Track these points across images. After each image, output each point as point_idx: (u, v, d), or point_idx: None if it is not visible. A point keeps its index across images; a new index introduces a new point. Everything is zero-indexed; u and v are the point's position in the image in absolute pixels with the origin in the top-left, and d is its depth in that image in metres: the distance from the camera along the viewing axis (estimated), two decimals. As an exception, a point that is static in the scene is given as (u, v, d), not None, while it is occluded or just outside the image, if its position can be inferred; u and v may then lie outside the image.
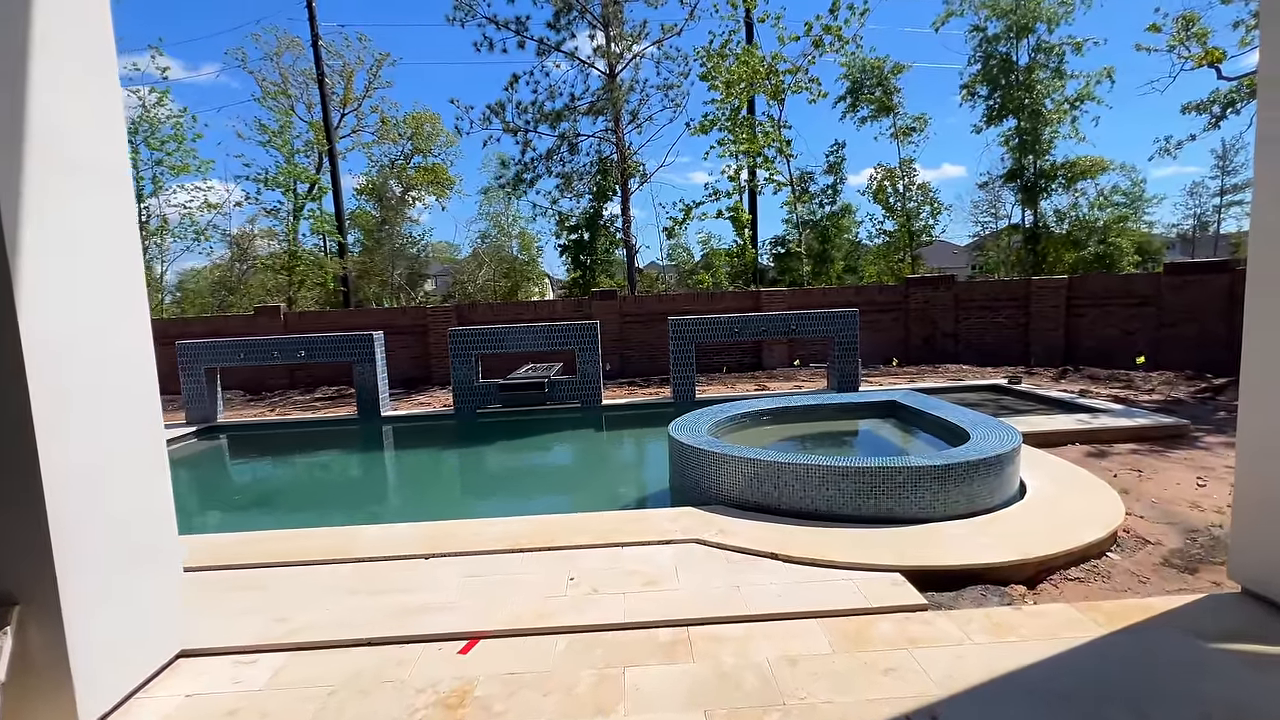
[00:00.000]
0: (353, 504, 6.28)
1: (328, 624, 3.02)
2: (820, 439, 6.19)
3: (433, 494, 6.59)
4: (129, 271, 2.63)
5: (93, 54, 2.49)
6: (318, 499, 6.50)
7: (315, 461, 7.92)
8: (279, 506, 6.23)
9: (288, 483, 7.08)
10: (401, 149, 25.67)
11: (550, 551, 3.75)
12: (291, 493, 6.71)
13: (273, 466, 7.70)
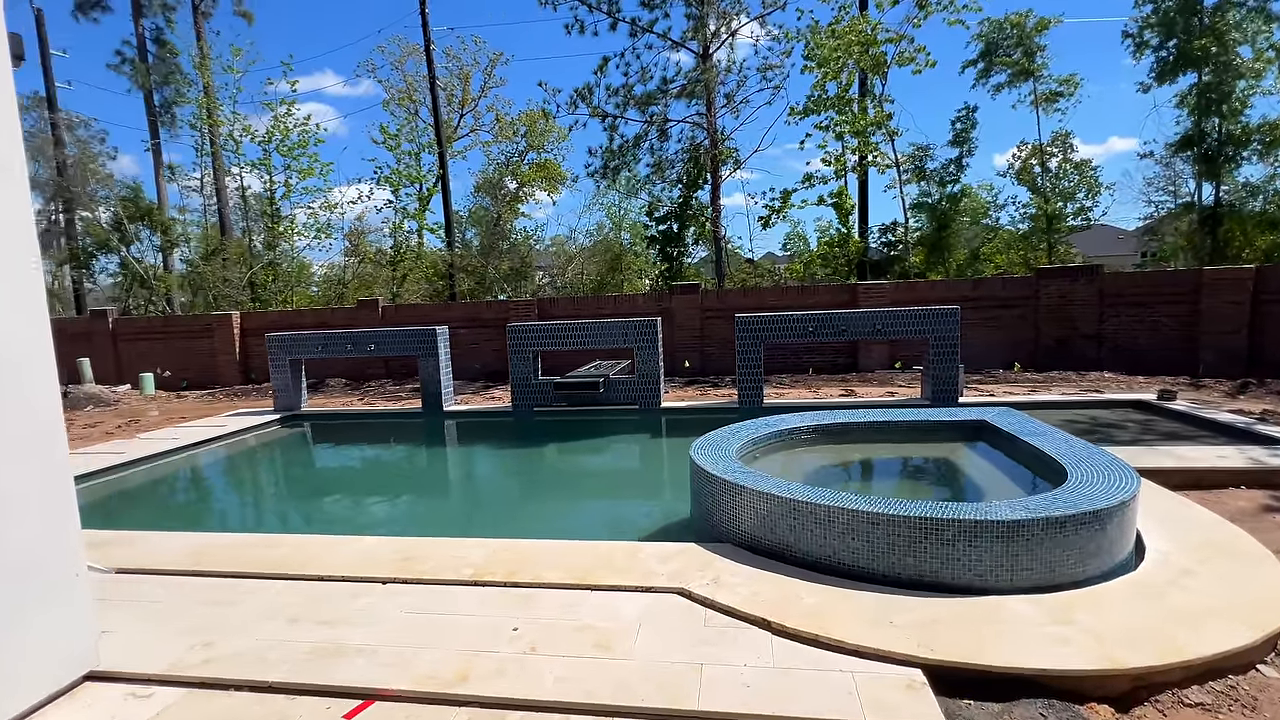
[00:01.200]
0: (384, 501, 6.24)
1: (247, 657, 2.76)
2: (875, 468, 5.23)
3: (456, 498, 6.41)
4: (19, 274, 2.47)
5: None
6: (355, 493, 6.53)
7: (367, 455, 8.08)
8: (318, 498, 6.33)
9: (335, 475, 7.23)
10: (516, 146, 26.42)
11: (511, 589, 3.29)
12: (335, 485, 6.83)
13: (330, 458, 7.95)
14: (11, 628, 2.37)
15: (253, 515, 6.09)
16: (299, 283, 18.40)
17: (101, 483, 6.25)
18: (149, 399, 13.30)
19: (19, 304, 2.45)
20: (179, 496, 6.60)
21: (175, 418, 10.34)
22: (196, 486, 6.88)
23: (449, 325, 10.81)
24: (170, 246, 20.17)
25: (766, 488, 3.51)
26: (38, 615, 2.47)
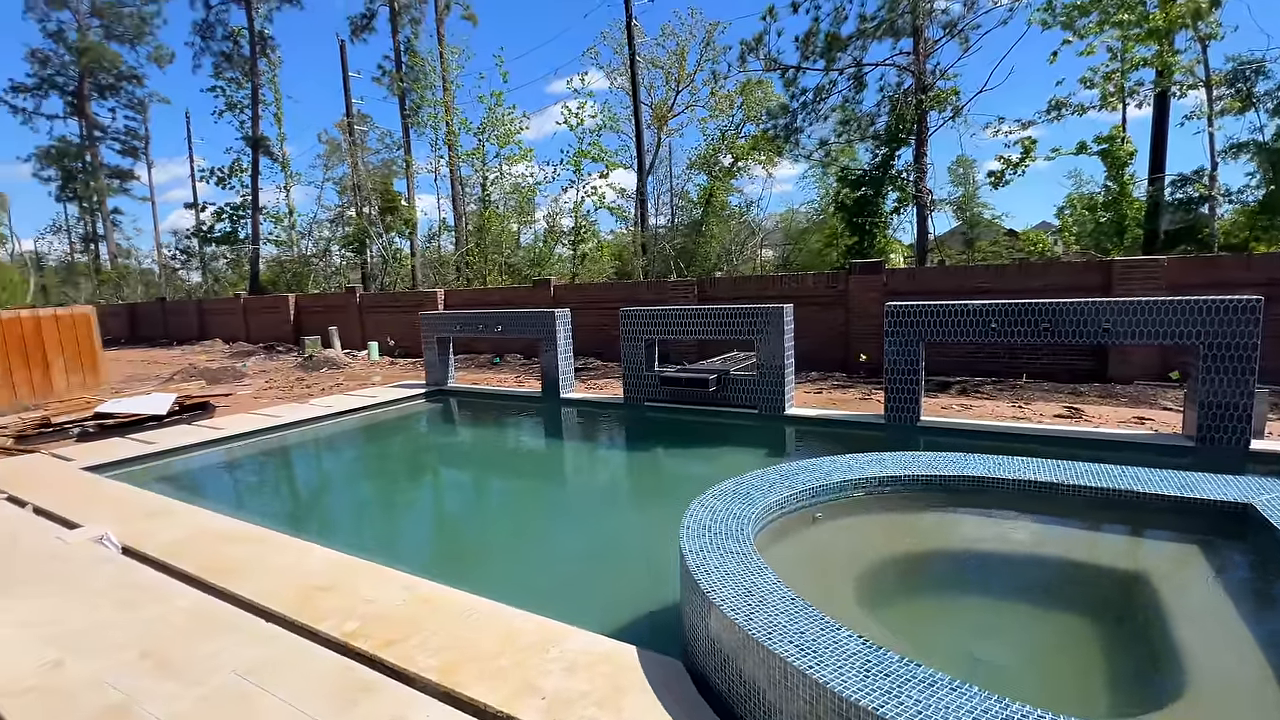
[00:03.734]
0: (448, 483, 6.01)
1: (59, 698, 2.45)
2: (1019, 581, 3.25)
3: (510, 493, 5.87)
4: None
5: None
6: (429, 473, 6.42)
7: (473, 435, 8.04)
8: (396, 477, 6.34)
9: (435, 453, 7.26)
10: (732, 120, 25.38)
11: (363, 666, 2.53)
12: (427, 464, 6.82)
13: (444, 435, 8.07)
14: None
15: (311, 495, 6.30)
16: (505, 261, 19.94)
17: (233, 447, 7.03)
18: (373, 364, 15.45)
19: None
20: (264, 470, 7.08)
21: (368, 383, 11.71)
22: (291, 460, 7.40)
23: (606, 306, 10.48)
24: (411, 232, 23.51)
25: (734, 612, 2.19)
26: None
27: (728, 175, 23.81)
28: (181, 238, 38.17)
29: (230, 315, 23.17)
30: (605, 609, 3.24)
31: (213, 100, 39.38)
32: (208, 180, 33.50)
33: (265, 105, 30.02)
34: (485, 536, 5.06)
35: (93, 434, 7.82)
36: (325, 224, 30.09)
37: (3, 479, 5.44)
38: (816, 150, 14.76)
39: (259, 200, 30.86)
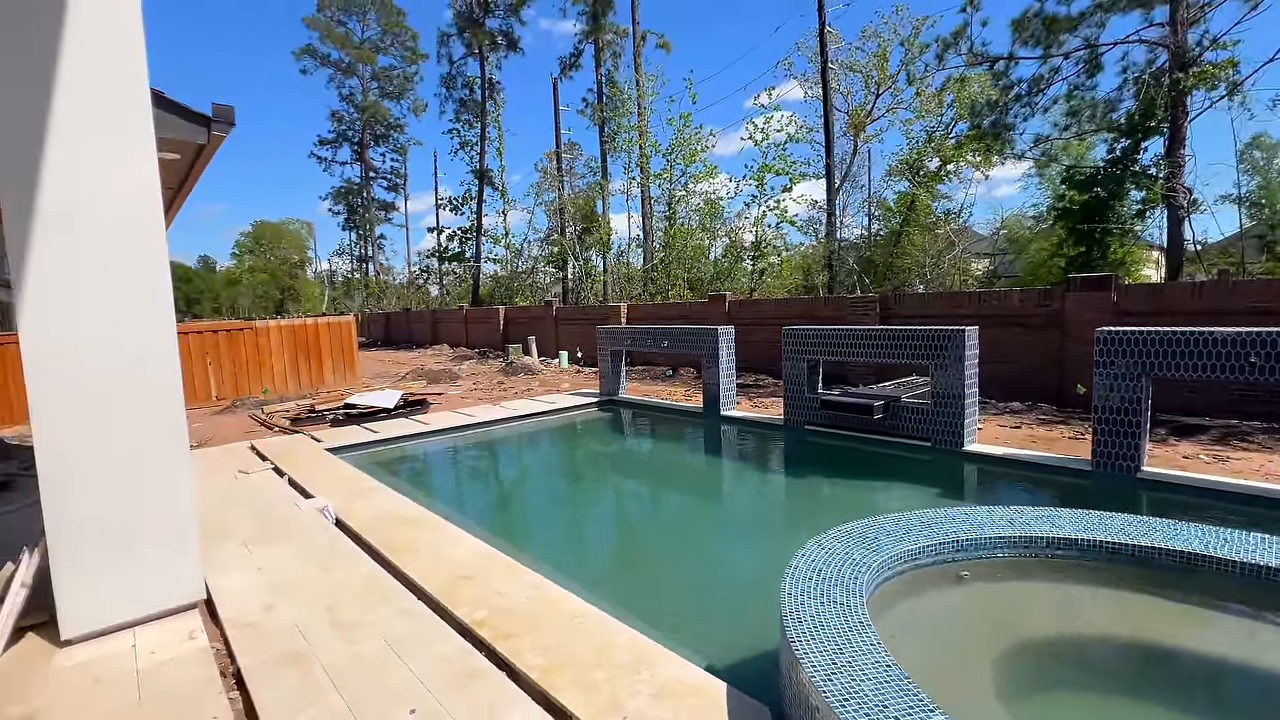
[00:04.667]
0: (594, 490, 6.34)
1: (264, 636, 3.10)
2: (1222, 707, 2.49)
3: (649, 505, 5.97)
4: (151, 288, 3.21)
5: (131, 128, 3.10)
6: (591, 481, 6.81)
7: (637, 447, 8.32)
8: (562, 480, 6.85)
9: (597, 458, 7.67)
10: (940, 119, 23.52)
11: (479, 654, 2.80)
12: (588, 471, 7.27)
13: (609, 443, 8.48)
14: (129, 554, 3.17)
15: (478, 488, 6.99)
16: (688, 276, 20.46)
17: (432, 440, 8.14)
18: (562, 372, 16.85)
19: (147, 306, 3.21)
20: (448, 462, 8.01)
21: (554, 389, 12.82)
22: (472, 455, 8.28)
23: (780, 322, 10.31)
24: (605, 249, 25.23)
25: (813, 669, 2.06)
26: (149, 548, 3.24)
27: (933, 180, 21.82)
28: (424, 257, 45.32)
29: (455, 324, 26.89)
30: (710, 638, 3.19)
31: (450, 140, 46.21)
32: (445, 208, 39.35)
33: (490, 141, 34.47)
34: (614, 544, 5.27)
35: (341, 421, 9.62)
36: (534, 244, 33.61)
37: (274, 453, 6.95)
38: (1031, 149, 12.88)
39: (482, 224, 35.46)
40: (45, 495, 2.95)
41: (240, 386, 13.51)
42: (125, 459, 3.14)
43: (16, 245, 2.84)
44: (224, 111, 3.84)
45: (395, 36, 46.20)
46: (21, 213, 2.85)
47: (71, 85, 2.93)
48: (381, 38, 46.26)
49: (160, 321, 3.22)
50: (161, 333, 3.22)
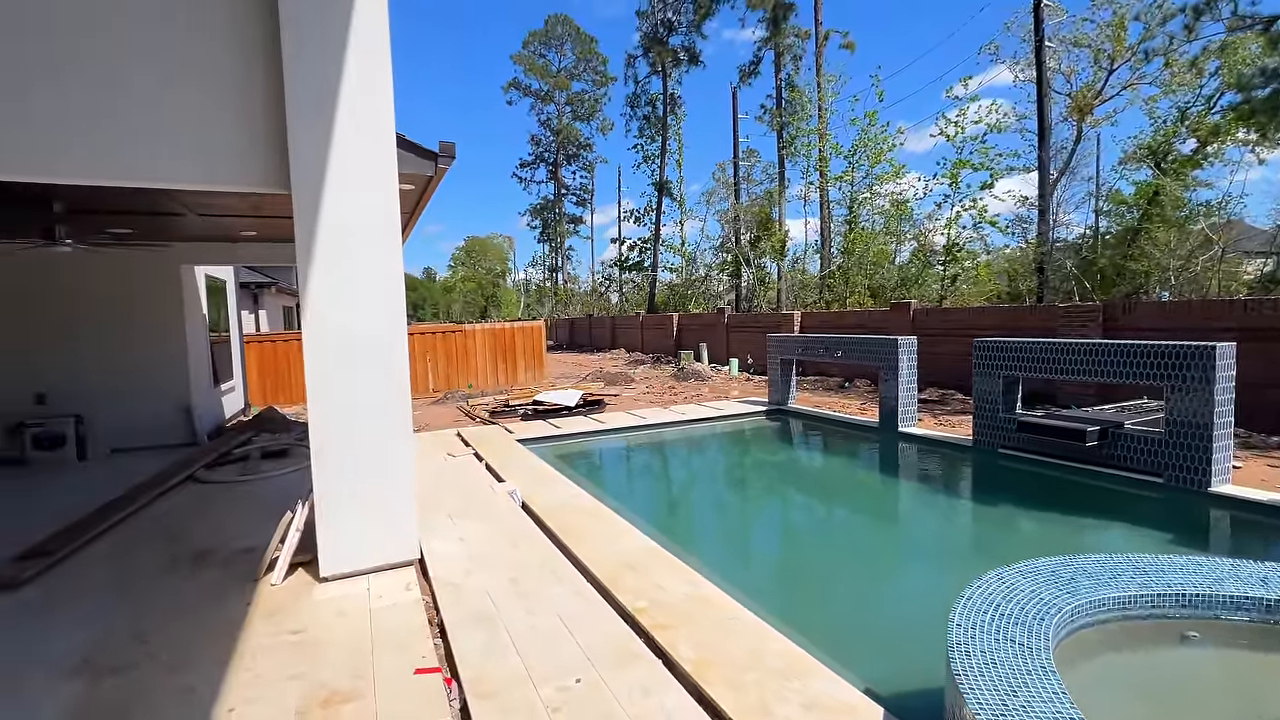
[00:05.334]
0: (756, 496, 6.29)
1: (461, 596, 3.60)
2: None
3: (811, 516, 5.74)
4: (391, 296, 3.90)
5: (381, 165, 3.82)
6: (753, 494, 6.79)
7: (799, 454, 8.06)
8: (719, 487, 6.92)
9: (762, 466, 7.59)
10: (1196, 93, 19.83)
11: (642, 648, 2.99)
12: (747, 481, 7.25)
13: (775, 451, 8.34)
14: (368, 514, 3.88)
15: (646, 485, 7.23)
16: (869, 283, 19.31)
17: (605, 437, 8.66)
18: (731, 379, 16.91)
19: (389, 312, 3.90)
20: (619, 459, 8.37)
21: (723, 395, 12.93)
22: (640, 454, 8.57)
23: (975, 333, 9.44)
24: (779, 256, 24.73)
25: (979, 708, 1.93)
26: (381, 510, 3.93)
27: (1187, 165, 18.18)
28: (606, 266, 48.21)
29: (632, 330, 28.23)
30: (867, 660, 3.06)
31: (634, 155, 48.64)
32: (628, 220, 41.52)
33: (670, 154, 35.71)
34: (774, 553, 5.20)
35: (529, 416, 10.66)
36: (708, 251, 34.08)
37: (475, 441, 7.94)
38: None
39: (660, 234, 36.81)
40: (314, 461, 3.74)
41: (451, 381, 15.56)
42: (368, 436, 3.86)
43: (303, 261, 3.65)
44: (447, 147, 4.56)
45: (587, 63, 49.90)
46: (307, 235, 3.65)
47: (343, 136, 3.69)
48: (575, 65, 50.25)
49: (397, 323, 3.91)
50: (397, 333, 3.91)
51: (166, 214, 6.22)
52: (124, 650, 3.08)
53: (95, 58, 3.33)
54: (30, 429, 7.38)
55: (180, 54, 3.47)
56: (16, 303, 7.59)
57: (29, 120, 3.24)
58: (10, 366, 7.57)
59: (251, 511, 5.29)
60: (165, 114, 3.46)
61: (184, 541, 4.62)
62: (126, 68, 3.38)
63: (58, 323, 7.80)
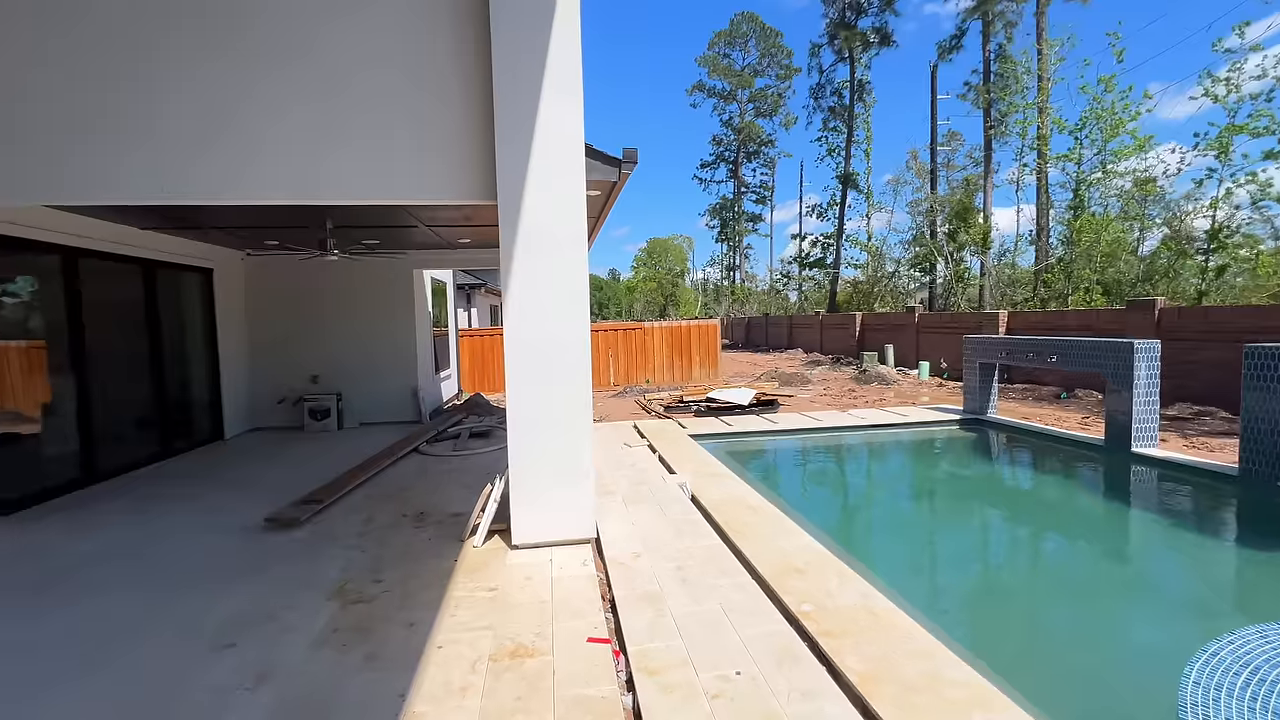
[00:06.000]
0: (945, 513, 5.72)
1: (632, 576, 3.82)
2: None
3: (1010, 543, 5.03)
4: (577, 294, 4.23)
5: (570, 174, 4.17)
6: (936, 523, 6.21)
7: (999, 470, 7.13)
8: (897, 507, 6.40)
9: (954, 480, 6.87)
10: None
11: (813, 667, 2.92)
12: (938, 487, 6.62)
13: (970, 465, 7.51)
14: (554, 492, 4.27)
15: (818, 489, 6.87)
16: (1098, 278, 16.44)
17: (777, 438, 8.47)
18: (921, 383, 15.57)
19: (575, 310, 4.24)
20: (791, 460, 8.06)
21: (910, 401, 11.97)
22: (813, 456, 8.16)
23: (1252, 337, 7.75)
24: (983, 249, 22.04)
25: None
26: (563, 490, 4.30)
27: None
28: (785, 264, 47.01)
29: (810, 329, 27.23)
30: (1069, 705, 2.66)
31: (817, 149, 46.71)
32: (810, 214, 40.08)
33: (857, 144, 33.73)
34: (963, 576, 4.69)
35: (703, 412, 10.82)
36: (897, 245, 31.66)
37: (650, 433, 8.29)
38: None
39: (843, 229, 34.97)
40: (510, 440, 4.22)
41: (630, 376, 16.35)
42: (555, 424, 4.25)
43: (505, 261, 4.12)
44: (630, 154, 4.83)
45: (772, 57, 49.05)
46: (509, 239, 4.12)
47: (539, 151, 4.10)
48: (760, 61, 49.66)
49: (582, 320, 4.25)
50: (582, 329, 4.25)
51: (403, 226, 7.38)
52: (365, 585, 3.76)
53: (371, 123, 4.11)
54: (307, 403, 9.23)
55: (426, 108, 4.14)
56: (299, 301, 9.54)
57: (322, 166, 4.10)
58: (296, 353, 9.53)
59: (460, 482, 6.09)
60: (417, 152, 4.14)
61: (410, 502, 5.47)
62: (391, 123, 4.12)
63: (325, 317, 9.64)
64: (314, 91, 4.12)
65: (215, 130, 4.07)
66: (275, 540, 4.59)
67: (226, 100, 4.07)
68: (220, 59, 4.05)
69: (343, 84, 4.13)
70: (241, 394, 9.14)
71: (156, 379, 7.37)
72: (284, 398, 9.42)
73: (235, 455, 7.65)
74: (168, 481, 6.38)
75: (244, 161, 4.11)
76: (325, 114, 4.12)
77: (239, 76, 4.07)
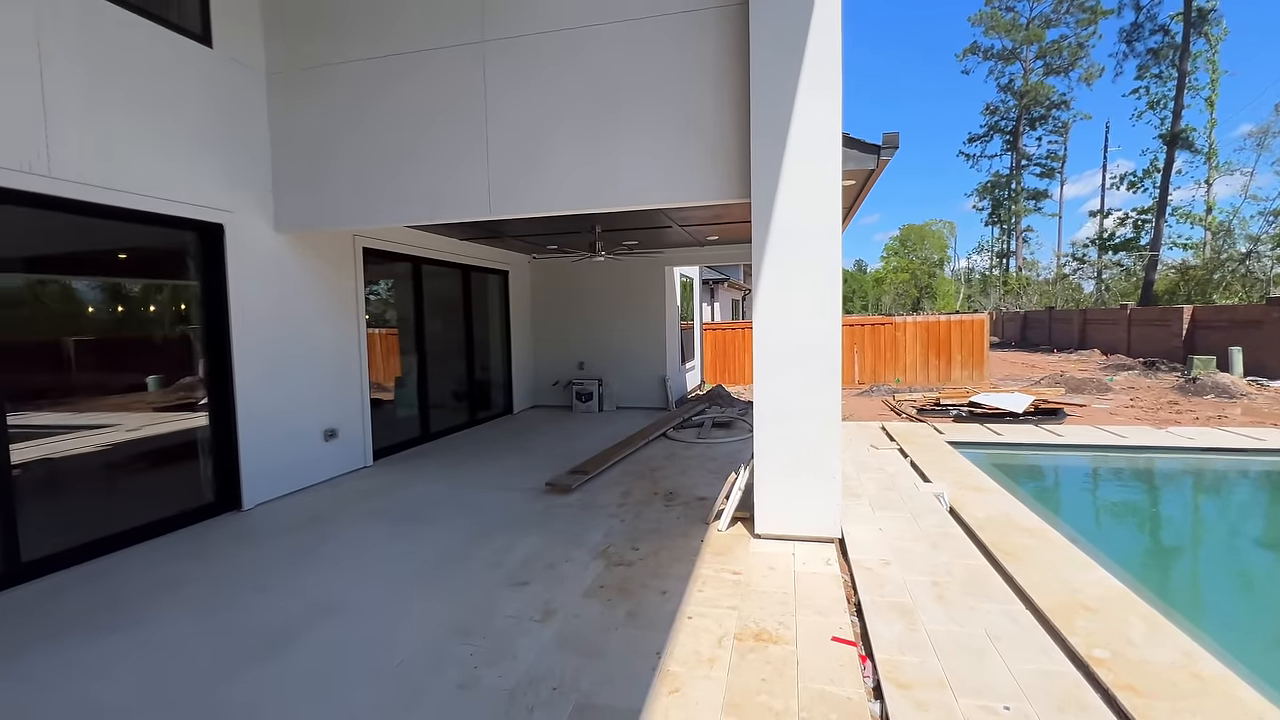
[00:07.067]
0: None
1: (878, 583, 3.65)
2: None
3: None
4: (829, 290, 4.14)
5: (825, 167, 4.09)
6: None
7: None
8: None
9: None
10: None
11: (1092, 693, 2.49)
12: None
13: None
14: (799, 487, 4.28)
15: (1119, 518, 5.57)
16: None
17: (1062, 454, 7.16)
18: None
19: (827, 305, 4.17)
20: (1082, 481, 6.61)
21: (1259, 420, 9.20)
22: (1115, 480, 6.61)
23: None
24: None
25: None
26: (808, 486, 4.26)
27: None
28: (1079, 248, 39.19)
29: (1112, 326, 22.42)
30: None
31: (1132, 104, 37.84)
32: (1117, 187, 32.91)
33: (1194, 91, 26.55)
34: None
35: (964, 418, 9.71)
36: (1255, 219, 24.19)
37: (899, 436, 7.72)
38: None
39: (1166, 200, 27.91)
40: (756, 434, 4.33)
41: (877, 374, 15.33)
42: (802, 419, 4.24)
43: (757, 256, 4.23)
44: (890, 139, 4.54)
45: (1071, 1, 41.11)
46: (761, 234, 4.21)
47: (794, 146, 4.10)
48: (1054, 9, 41.98)
49: (833, 314, 4.16)
50: (833, 323, 4.17)
51: (659, 227, 7.96)
52: (624, 551, 4.22)
53: (639, 136, 4.58)
54: (574, 386, 10.53)
55: (687, 116, 4.46)
56: (570, 297, 10.90)
57: (603, 177, 4.69)
58: (567, 341, 10.94)
59: (705, 468, 6.41)
60: (681, 158, 4.51)
61: (660, 482, 5.94)
62: (656, 133, 4.54)
63: (590, 312, 10.87)
64: (589, 113, 4.69)
65: (524, 157, 4.88)
66: (553, 501, 5.38)
67: (531, 131, 4.85)
68: (524, 94, 4.85)
69: (616, 103, 4.63)
70: (527, 376, 10.80)
71: (469, 361, 9.11)
72: (557, 381, 10.89)
73: (521, 427, 9.10)
74: (475, 444, 7.87)
75: (544, 179, 4.86)
76: (602, 133, 4.67)
77: (538, 110, 4.82)
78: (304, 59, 5.37)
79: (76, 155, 4.03)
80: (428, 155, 5.11)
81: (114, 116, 4.28)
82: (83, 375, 4.52)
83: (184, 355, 5.10)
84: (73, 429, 4.37)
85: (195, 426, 5.13)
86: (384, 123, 5.20)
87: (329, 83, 5.31)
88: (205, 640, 3.15)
